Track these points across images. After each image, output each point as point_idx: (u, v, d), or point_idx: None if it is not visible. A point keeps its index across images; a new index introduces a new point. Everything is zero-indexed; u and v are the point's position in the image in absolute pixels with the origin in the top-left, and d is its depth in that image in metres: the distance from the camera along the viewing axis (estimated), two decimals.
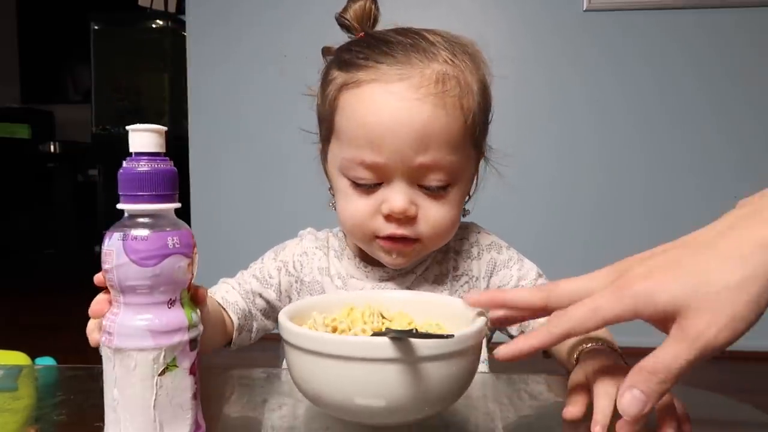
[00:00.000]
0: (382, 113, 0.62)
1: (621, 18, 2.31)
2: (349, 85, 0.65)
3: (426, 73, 0.62)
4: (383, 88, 0.62)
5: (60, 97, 4.79)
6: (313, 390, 0.45)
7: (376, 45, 0.65)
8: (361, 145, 0.63)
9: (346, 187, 0.67)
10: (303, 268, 0.76)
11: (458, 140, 0.64)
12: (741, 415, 0.57)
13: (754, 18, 2.25)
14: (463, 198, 0.70)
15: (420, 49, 0.64)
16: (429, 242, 0.68)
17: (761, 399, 0.65)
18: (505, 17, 2.38)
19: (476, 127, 0.66)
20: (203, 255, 0.43)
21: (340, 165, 0.67)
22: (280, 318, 0.47)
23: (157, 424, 0.41)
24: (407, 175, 0.64)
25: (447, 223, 0.67)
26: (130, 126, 0.42)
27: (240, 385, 0.63)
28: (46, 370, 0.75)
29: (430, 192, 0.65)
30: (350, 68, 0.65)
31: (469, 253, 0.76)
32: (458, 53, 0.65)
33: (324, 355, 0.42)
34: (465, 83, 0.64)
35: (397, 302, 0.57)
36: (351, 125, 0.65)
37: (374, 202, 0.65)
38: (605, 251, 2.40)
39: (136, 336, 0.40)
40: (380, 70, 0.63)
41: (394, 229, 0.65)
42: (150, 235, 0.40)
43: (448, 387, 0.44)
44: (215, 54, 2.53)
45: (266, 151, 2.52)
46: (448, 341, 0.42)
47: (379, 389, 0.42)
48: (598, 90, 2.35)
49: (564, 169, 2.37)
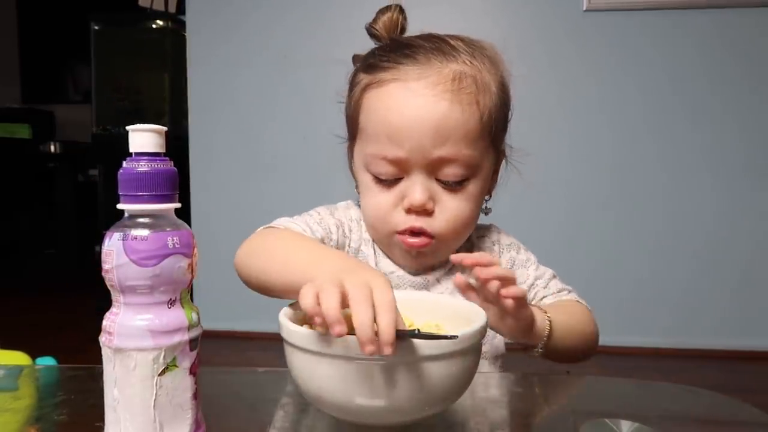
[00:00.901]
0: (402, 109, 0.66)
1: (621, 18, 2.31)
2: (372, 85, 0.69)
3: (443, 72, 0.66)
4: (403, 85, 0.66)
5: (60, 97, 4.79)
6: (314, 390, 0.45)
7: (398, 48, 0.69)
8: (383, 140, 0.67)
9: (369, 182, 0.70)
10: (352, 233, 0.77)
11: (475, 135, 0.66)
12: (741, 415, 0.57)
13: (754, 18, 2.25)
14: (481, 194, 0.71)
15: (440, 51, 0.68)
16: (445, 239, 0.70)
17: (761, 399, 0.65)
18: (505, 17, 2.38)
19: (493, 124, 0.68)
20: (203, 255, 0.43)
21: (364, 161, 0.70)
22: (281, 317, 0.47)
23: (157, 424, 0.41)
24: (426, 169, 0.67)
25: (464, 218, 0.69)
26: (130, 126, 0.42)
27: (240, 385, 0.63)
28: (46, 370, 0.76)
29: (448, 186, 0.68)
30: (374, 70, 0.69)
31: (491, 250, 0.78)
32: (477, 55, 0.68)
33: (324, 355, 0.42)
34: (482, 82, 0.67)
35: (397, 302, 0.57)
36: (373, 122, 0.68)
37: (395, 196, 0.68)
38: (619, 247, 2.40)
39: (136, 336, 0.40)
40: (401, 71, 0.67)
41: (413, 222, 0.67)
42: (150, 235, 0.40)
43: (448, 387, 0.44)
44: (215, 54, 2.53)
45: (266, 151, 2.52)
46: (447, 341, 0.42)
47: (380, 389, 0.42)
48: (598, 90, 2.35)
49: (563, 168, 2.37)
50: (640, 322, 2.37)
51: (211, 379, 0.61)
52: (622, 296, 2.35)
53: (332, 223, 0.75)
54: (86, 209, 3.59)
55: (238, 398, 0.59)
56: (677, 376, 2.12)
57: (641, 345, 2.35)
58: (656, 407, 0.59)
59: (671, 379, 1.36)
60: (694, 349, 2.33)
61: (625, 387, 0.72)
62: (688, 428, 0.56)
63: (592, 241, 2.38)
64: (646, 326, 2.38)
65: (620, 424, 0.50)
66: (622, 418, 0.50)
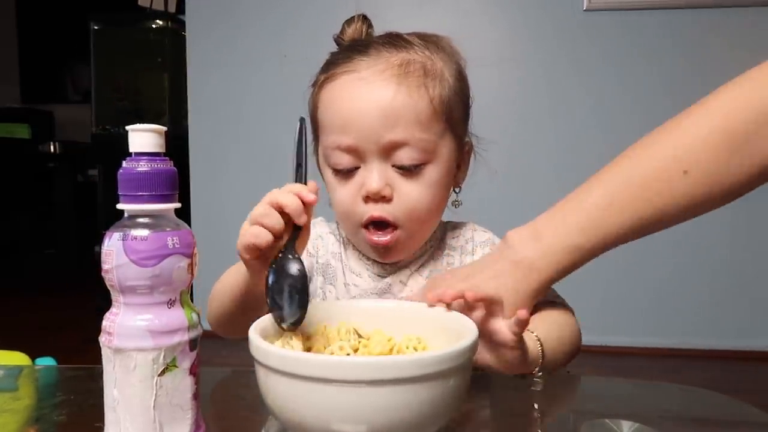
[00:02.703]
0: (352, 97, 0.67)
1: (621, 18, 2.31)
2: (326, 80, 0.71)
3: (392, 60, 0.68)
4: (354, 76, 0.68)
5: (60, 97, 4.79)
6: (288, 414, 0.41)
7: (354, 47, 0.72)
8: (336, 130, 0.68)
9: (331, 177, 0.71)
10: (318, 250, 0.78)
11: (426, 118, 0.67)
12: (741, 415, 0.57)
13: (754, 18, 2.25)
14: (441, 181, 0.70)
15: (392, 45, 0.70)
16: (409, 227, 0.69)
17: (761, 399, 0.64)
18: (506, 17, 2.38)
19: (449, 110, 0.69)
20: (203, 255, 0.43)
21: (324, 155, 0.71)
22: (250, 334, 0.44)
23: (157, 424, 0.41)
24: (381, 155, 0.67)
25: (423, 203, 0.69)
26: (129, 126, 0.42)
27: (240, 385, 0.63)
28: (46, 371, 0.76)
29: (405, 171, 0.68)
30: (329, 67, 0.71)
31: (464, 249, 0.77)
32: (431, 47, 0.70)
33: (297, 377, 0.39)
34: (432, 68, 0.68)
35: (374, 315, 0.54)
36: (328, 115, 0.70)
37: (354, 186, 0.69)
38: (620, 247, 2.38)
39: (136, 336, 0.40)
40: (352, 63, 0.69)
41: (373, 210, 0.68)
42: (150, 236, 0.40)
43: (434, 410, 0.41)
44: (215, 54, 2.53)
45: (266, 151, 2.51)
46: (432, 360, 0.39)
47: (360, 414, 0.39)
48: (598, 90, 2.35)
49: (563, 168, 2.37)
50: (639, 322, 2.37)
51: (211, 379, 0.61)
52: (623, 296, 2.36)
53: None
54: (86, 209, 3.59)
55: (238, 398, 0.59)
56: (677, 376, 2.12)
57: (641, 345, 2.35)
58: (656, 407, 0.59)
59: (671, 379, 1.36)
60: (694, 349, 2.33)
61: (625, 387, 0.72)
62: (688, 428, 0.56)
63: None
64: (647, 326, 2.38)
65: (620, 424, 0.49)
66: (622, 418, 0.50)
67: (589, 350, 0.70)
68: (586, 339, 0.69)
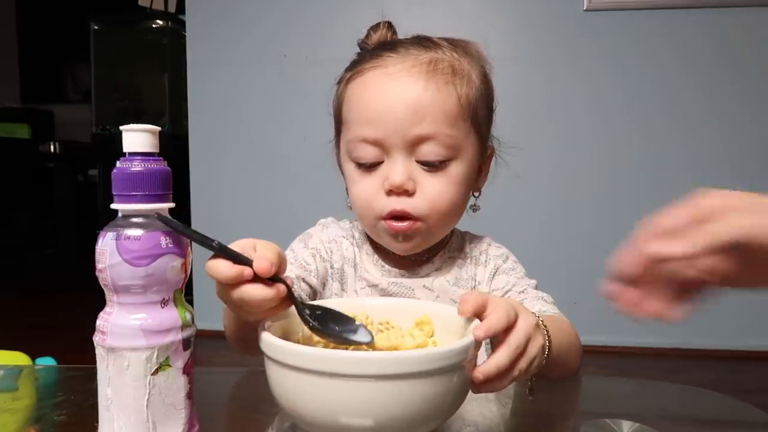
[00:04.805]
0: (379, 91, 0.68)
1: (621, 18, 2.30)
2: (353, 76, 0.71)
3: (420, 58, 0.69)
4: (382, 71, 0.69)
5: (60, 97, 4.78)
6: (296, 408, 0.42)
7: (382, 46, 0.73)
8: (362, 123, 0.69)
9: (353, 171, 0.71)
10: (332, 254, 0.77)
11: (453, 115, 0.68)
12: (741, 415, 0.57)
13: (754, 18, 2.25)
14: (464, 178, 0.70)
15: (421, 45, 0.70)
16: (430, 221, 0.69)
17: (761, 399, 0.64)
18: (505, 17, 2.38)
19: (474, 109, 0.69)
20: (203, 255, 0.42)
21: (347, 149, 0.71)
22: (260, 329, 0.45)
23: (150, 423, 0.41)
24: (406, 150, 0.67)
25: (445, 198, 0.69)
26: (123, 126, 0.42)
27: (238, 386, 0.62)
28: (46, 371, 0.76)
29: (430, 167, 0.68)
30: (357, 64, 0.72)
31: (478, 259, 0.78)
32: (459, 50, 0.71)
33: (306, 371, 0.40)
34: (460, 68, 0.69)
35: (385, 311, 0.54)
36: (354, 109, 0.70)
37: (377, 179, 0.69)
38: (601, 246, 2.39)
39: (129, 335, 0.40)
40: (381, 60, 0.70)
41: (395, 204, 0.68)
42: (143, 235, 0.40)
43: (440, 404, 0.41)
44: (215, 54, 2.53)
45: (266, 151, 2.51)
46: (439, 355, 0.40)
47: (367, 408, 0.39)
48: (598, 90, 2.35)
49: (563, 168, 2.37)
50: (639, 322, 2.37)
51: (209, 379, 0.61)
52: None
53: (306, 254, 0.75)
54: (86, 209, 3.59)
55: (237, 398, 0.59)
56: (677, 376, 2.12)
57: (641, 345, 2.35)
58: (656, 407, 0.59)
59: (671, 379, 1.36)
60: (694, 349, 2.32)
61: (625, 387, 0.72)
62: (688, 428, 0.56)
63: (592, 240, 2.37)
64: (646, 326, 2.38)
65: (620, 424, 0.49)
66: (622, 418, 0.49)
67: (590, 350, 0.69)
68: (586, 339, 0.69)
